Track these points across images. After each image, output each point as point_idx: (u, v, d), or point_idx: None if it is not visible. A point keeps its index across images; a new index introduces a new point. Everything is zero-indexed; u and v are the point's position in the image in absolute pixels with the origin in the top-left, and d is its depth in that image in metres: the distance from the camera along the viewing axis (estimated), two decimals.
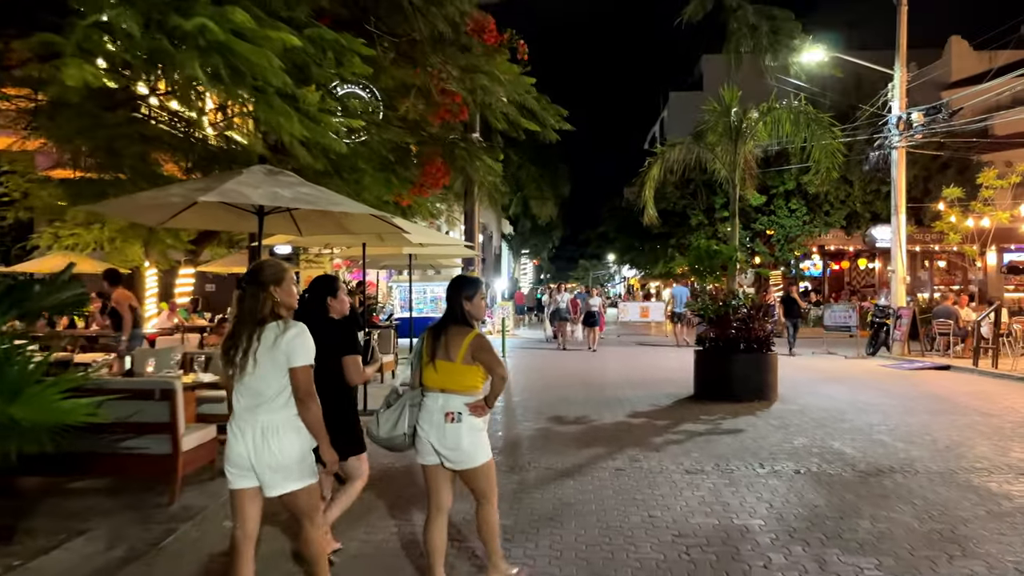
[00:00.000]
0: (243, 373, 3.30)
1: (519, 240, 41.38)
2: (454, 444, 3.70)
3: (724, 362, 11.05)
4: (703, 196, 28.79)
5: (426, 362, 3.81)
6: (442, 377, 3.74)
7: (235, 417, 3.36)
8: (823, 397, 11.34)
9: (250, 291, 3.34)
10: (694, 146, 13.27)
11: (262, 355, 3.27)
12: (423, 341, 3.88)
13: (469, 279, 3.98)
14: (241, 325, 3.34)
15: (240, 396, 3.34)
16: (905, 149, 17.95)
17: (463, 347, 3.72)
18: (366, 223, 7.52)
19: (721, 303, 11.05)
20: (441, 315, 3.94)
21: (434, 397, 3.76)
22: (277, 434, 3.28)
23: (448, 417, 3.69)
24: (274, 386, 3.29)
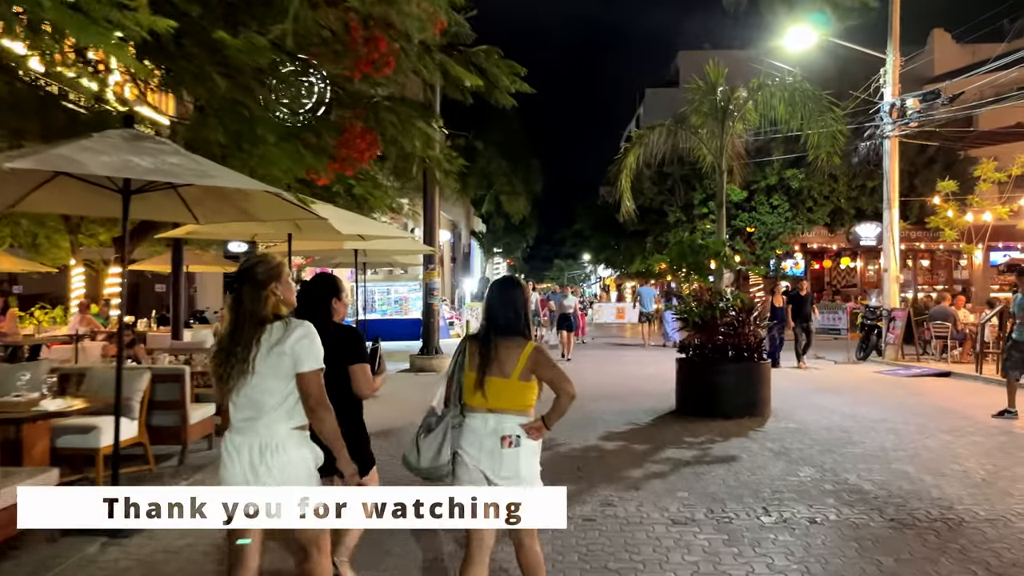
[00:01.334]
0: (241, 383, 2.95)
1: (491, 238, 39.91)
2: (512, 472, 3.23)
3: (710, 373, 9.66)
4: (681, 192, 27.55)
5: (473, 379, 3.30)
6: (493, 396, 3.27)
7: (229, 435, 3.01)
8: (821, 411, 10.00)
9: (248, 290, 3.00)
10: (676, 129, 11.87)
11: (262, 361, 2.94)
12: (463, 354, 3.39)
13: (513, 280, 3.57)
14: (238, 329, 2.99)
15: (237, 409, 3.00)
16: (898, 139, 16.74)
17: (520, 362, 3.27)
18: (273, 207, 6.01)
19: (707, 305, 9.66)
20: (483, 324, 3.43)
21: (482, 419, 3.28)
22: (278, 452, 2.94)
23: (505, 442, 3.24)
24: (276, 396, 2.95)
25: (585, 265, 75.34)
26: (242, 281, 3.03)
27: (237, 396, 2.97)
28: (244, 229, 8.87)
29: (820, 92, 11.14)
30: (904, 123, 16.08)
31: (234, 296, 3.05)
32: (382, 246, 11.44)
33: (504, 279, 3.61)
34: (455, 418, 3.33)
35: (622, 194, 12.52)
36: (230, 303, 3.07)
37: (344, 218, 8.33)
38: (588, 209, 37.82)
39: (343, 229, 7.45)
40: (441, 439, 3.30)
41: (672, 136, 11.96)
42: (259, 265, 3.06)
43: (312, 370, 2.95)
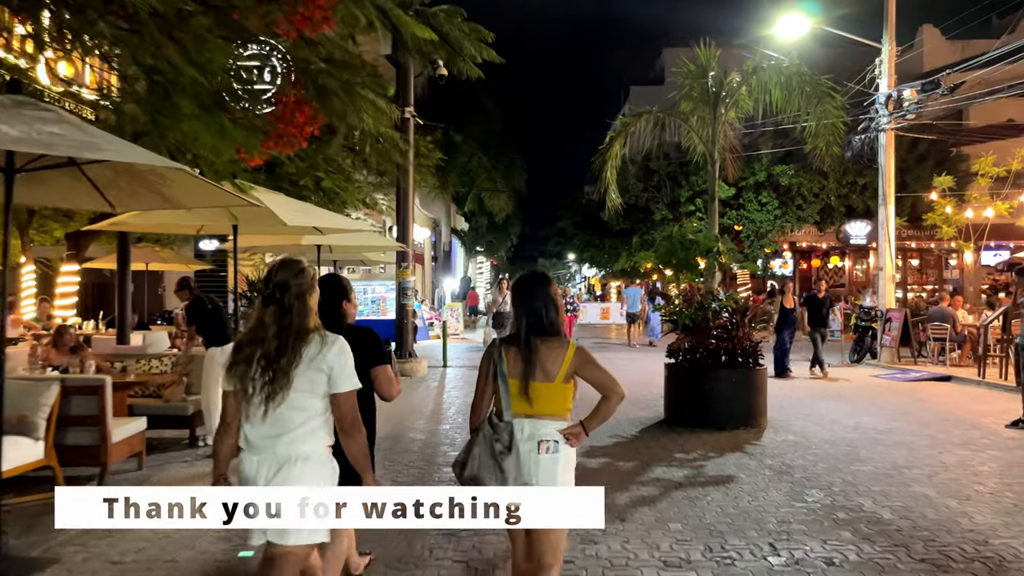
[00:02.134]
0: (275, 398, 2.70)
1: (473, 236, 39.02)
2: (548, 480, 3.06)
3: (702, 379, 8.85)
4: (667, 188, 26.80)
5: (517, 386, 3.11)
6: (538, 401, 3.10)
7: (246, 455, 2.79)
8: (821, 421, 9.23)
9: (295, 301, 2.79)
10: (664, 117, 11.03)
11: (300, 376, 2.73)
12: (500, 360, 3.16)
13: (545, 275, 3.35)
14: (283, 343, 2.74)
15: (254, 426, 2.77)
16: (894, 132, 16.03)
17: (565, 362, 3.11)
18: (199, 193, 5.12)
19: (698, 306, 8.85)
20: (517, 325, 3.21)
21: (518, 425, 3.11)
22: (302, 467, 2.73)
23: (542, 447, 3.08)
24: (306, 413, 2.75)
25: (570, 264, 74.60)
26: (285, 289, 2.79)
27: (261, 411, 2.75)
28: (187, 220, 7.93)
29: (819, 77, 10.35)
30: (900, 115, 15.37)
31: (278, 306, 2.79)
32: (345, 241, 10.55)
33: (534, 274, 3.35)
34: (486, 430, 3.11)
35: (607, 186, 11.68)
36: (272, 314, 2.80)
37: (295, 208, 7.44)
38: (572, 207, 36.99)
39: (290, 220, 6.56)
40: (518, 454, 3.07)
41: (660, 124, 11.14)
42: (304, 273, 2.87)
43: (351, 390, 2.82)
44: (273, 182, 14.96)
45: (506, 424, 3.09)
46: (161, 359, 8.37)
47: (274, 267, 2.91)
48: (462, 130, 26.56)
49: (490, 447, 3.06)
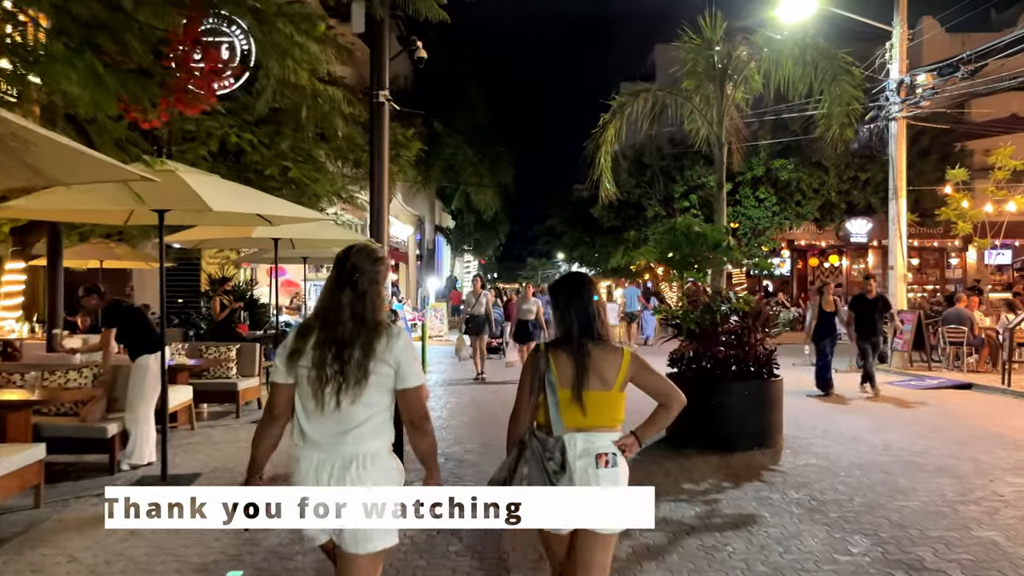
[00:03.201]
0: (348, 391, 2.53)
1: (459, 235, 37.83)
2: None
3: (710, 393, 7.70)
4: (660, 184, 25.69)
5: (568, 396, 2.81)
6: (593, 411, 2.81)
7: (305, 451, 2.59)
8: (843, 439, 8.12)
9: (368, 285, 2.61)
10: (663, 96, 9.88)
11: (373, 370, 2.56)
12: (549, 368, 2.84)
13: (586, 277, 3.05)
14: (354, 334, 2.56)
15: (318, 419, 2.56)
16: (905, 122, 14.98)
17: (622, 369, 2.85)
18: (73, 164, 3.92)
19: (704, 308, 7.72)
20: (565, 330, 2.92)
21: (569, 439, 2.78)
22: (372, 464, 2.55)
23: (601, 460, 2.77)
24: (371, 409, 2.57)
25: (559, 264, 73.57)
26: (360, 275, 2.59)
27: (326, 406, 2.53)
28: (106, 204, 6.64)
29: (836, 51, 9.23)
30: (914, 102, 14.30)
31: (353, 292, 2.59)
32: (303, 234, 9.37)
33: (576, 276, 3.11)
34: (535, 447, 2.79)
35: (601, 174, 10.50)
36: (348, 298, 2.59)
37: (231, 192, 6.25)
38: (561, 204, 35.84)
39: (217, 204, 5.36)
40: (571, 474, 2.77)
41: (658, 106, 9.98)
42: (382, 262, 2.70)
43: (419, 385, 2.64)
44: (238, 172, 13.80)
45: (557, 440, 2.79)
46: (80, 371, 7.16)
47: (350, 250, 2.68)
48: (447, 123, 25.39)
49: (541, 466, 2.75)
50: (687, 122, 10.15)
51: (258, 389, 10.21)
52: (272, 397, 2.69)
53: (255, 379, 10.17)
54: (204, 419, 9.67)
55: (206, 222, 7.99)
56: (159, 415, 6.66)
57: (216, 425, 9.14)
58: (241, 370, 10.13)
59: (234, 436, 8.45)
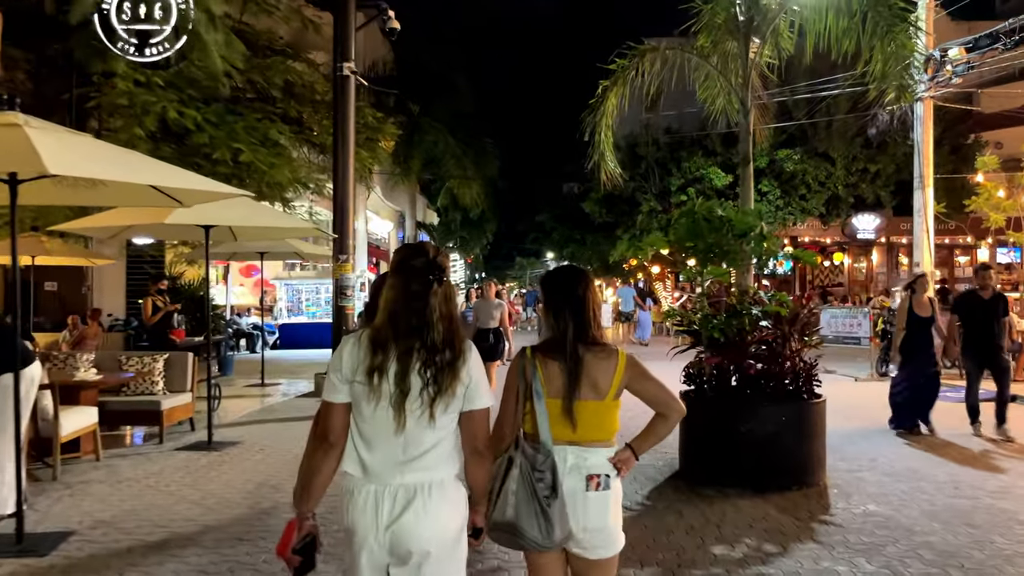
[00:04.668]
0: (440, 402, 2.22)
1: (444, 232, 36.20)
2: (599, 522, 2.53)
3: (737, 417, 6.15)
4: (656, 177, 24.18)
5: (559, 406, 2.56)
6: (584, 424, 2.56)
7: (364, 484, 2.24)
8: (899, 474, 6.60)
9: (447, 284, 2.32)
10: (676, 55, 8.26)
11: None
12: (535, 374, 2.59)
13: (582, 271, 2.76)
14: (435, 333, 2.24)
15: (380, 445, 2.23)
16: (932, 102, 13.50)
17: (616, 376, 2.59)
18: None
19: (730, 312, 6.15)
20: (557, 331, 2.64)
21: (558, 454, 2.53)
22: (433, 499, 2.21)
23: (592, 482, 2.53)
24: (442, 432, 2.26)
25: (548, 263, 72.15)
26: (441, 272, 2.28)
27: (392, 427, 2.20)
28: None
29: None
30: (944, 80, 12.81)
31: (442, 295, 2.27)
32: (236, 220, 7.77)
33: (570, 269, 2.83)
34: (526, 459, 2.50)
35: (601, 150, 8.86)
36: (435, 304, 2.25)
37: (108, 158, 4.62)
38: (551, 200, 34.27)
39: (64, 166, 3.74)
40: (563, 496, 2.47)
41: (669, 67, 8.39)
42: (447, 257, 2.38)
43: (486, 407, 2.32)
44: (184, 156, 12.19)
45: (547, 456, 2.49)
46: None
47: (422, 247, 2.35)
48: (428, 111, 23.76)
49: (530, 488, 2.45)
50: (700, 90, 8.57)
51: (190, 407, 8.58)
52: (327, 420, 2.30)
53: (187, 395, 8.54)
54: (126, 445, 8.08)
55: (101, 201, 6.36)
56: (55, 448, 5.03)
57: (131, 454, 7.53)
58: (170, 384, 8.50)
59: (147, 469, 6.83)
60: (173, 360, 8.65)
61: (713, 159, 22.19)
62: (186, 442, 8.15)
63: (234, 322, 20.09)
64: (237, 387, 12.67)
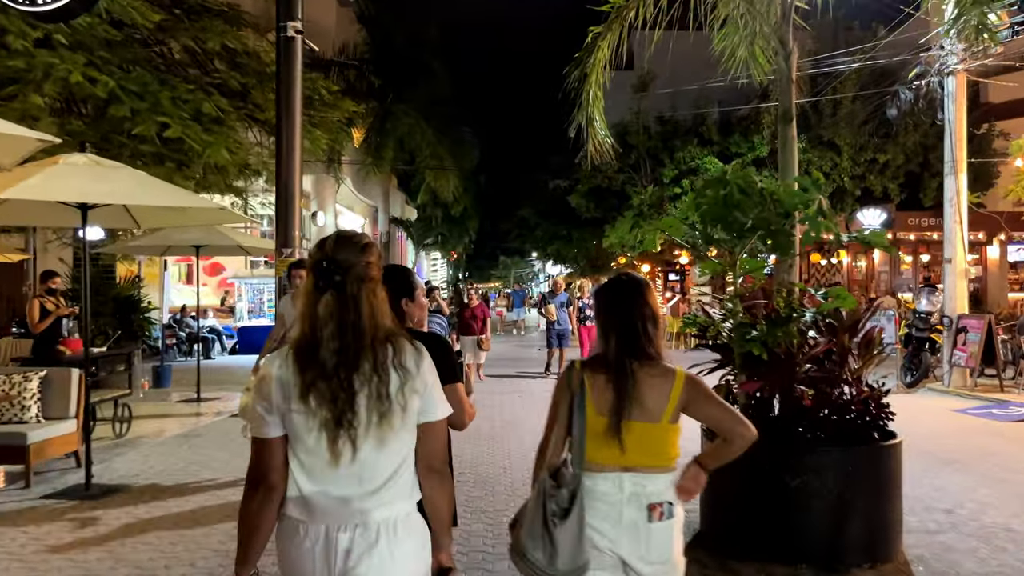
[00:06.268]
0: (368, 436, 1.84)
1: (423, 229, 34.40)
2: (663, 555, 2.35)
3: (786, 466, 4.43)
4: (647, 168, 22.50)
5: (604, 425, 2.36)
6: (634, 448, 2.36)
7: (309, 524, 1.85)
8: (993, 534, 4.93)
9: (358, 286, 1.89)
10: None
11: (395, 399, 1.87)
12: (580, 391, 2.42)
13: (640, 280, 2.54)
14: (337, 349, 1.85)
15: (329, 479, 1.84)
16: (966, 76, 11.89)
17: (673, 397, 2.39)
18: None
19: (775, 320, 4.44)
20: (608, 344, 2.45)
21: (615, 481, 2.35)
22: (399, 539, 1.86)
23: (655, 512, 2.33)
24: (395, 458, 1.88)
25: (532, 263, 70.51)
26: (341, 270, 1.87)
27: (332, 459, 1.82)
28: None
29: None
30: (979, 50, 11.20)
31: (337, 301, 1.86)
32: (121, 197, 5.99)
33: (629, 278, 2.56)
34: (571, 487, 2.33)
35: (589, 114, 7.06)
36: (331, 313, 1.86)
37: None
38: (534, 195, 32.50)
39: None
40: (580, 522, 2.27)
41: (680, 5, 6.66)
42: (370, 250, 1.95)
43: (445, 417, 1.97)
44: (99, 132, 10.40)
45: (573, 477, 2.33)
46: None
47: (323, 243, 1.95)
48: (401, 96, 21.98)
49: (541, 507, 2.28)
50: (717, 39, 6.87)
51: (72, 440, 6.75)
52: (260, 461, 1.88)
53: (69, 423, 6.72)
54: None
55: None
56: None
57: None
58: (47, 410, 6.70)
59: None
60: (53, 378, 6.83)
61: (709, 148, 20.56)
62: (63, 485, 6.36)
63: (186, 324, 18.24)
64: (168, 403, 10.86)
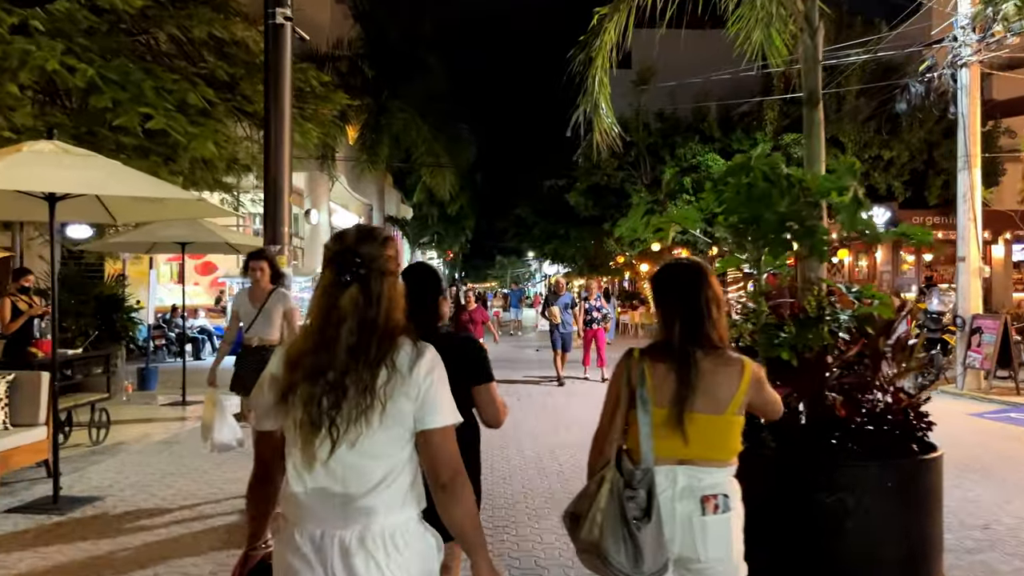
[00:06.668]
0: (347, 434, 1.77)
1: (419, 228, 33.98)
2: (719, 551, 2.26)
3: (816, 482, 4.00)
4: (647, 166, 22.11)
5: (665, 416, 2.27)
6: (697, 440, 2.26)
7: (301, 525, 1.80)
8: None
9: (379, 281, 1.84)
10: None
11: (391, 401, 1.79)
12: (642, 380, 2.31)
13: (700, 266, 2.44)
14: (359, 346, 1.79)
15: (314, 479, 1.79)
16: (979, 68, 11.51)
17: (740, 390, 2.30)
18: None
19: (804, 322, 4.02)
20: (667, 331, 2.37)
21: (667, 474, 2.27)
22: (389, 547, 1.76)
23: (709, 504, 2.25)
24: (389, 461, 1.80)
25: (529, 263, 70.16)
26: (364, 263, 1.82)
27: (319, 461, 1.77)
28: None
29: None
30: (995, 41, 10.81)
31: (361, 295, 1.81)
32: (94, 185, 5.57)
33: (690, 262, 2.50)
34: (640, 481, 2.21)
35: (595, 101, 6.62)
36: (352, 299, 1.80)
37: None
38: (531, 195, 32.07)
39: None
40: (659, 521, 2.18)
41: None
42: (390, 244, 1.90)
43: (450, 426, 1.83)
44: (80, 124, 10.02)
45: (644, 473, 2.21)
46: None
47: (343, 235, 1.89)
48: (397, 92, 21.53)
49: (619, 508, 2.17)
50: (730, 23, 6.44)
51: (42, 447, 6.30)
52: (259, 450, 1.98)
53: (39, 430, 6.27)
54: None
55: None
56: None
57: None
58: (15, 415, 6.27)
59: None
60: (21, 383, 6.39)
61: (711, 145, 20.16)
62: (31, 497, 5.94)
63: (175, 325, 17.79)
64: (152, 407, 10.42)
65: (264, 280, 5.82)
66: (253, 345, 5.74)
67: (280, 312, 5.78)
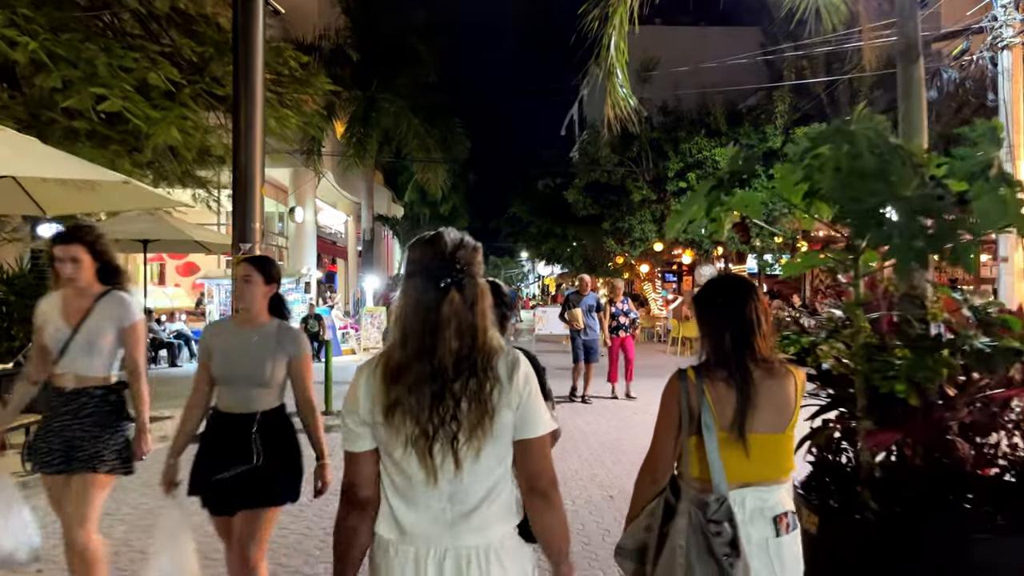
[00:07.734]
0: (468, 445, 1.74)
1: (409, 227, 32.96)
2: (796, 572, 2.19)
3: (933, 565, 2.96)
4: (649, 162, 21.10)
5: (726, 440, 2.15)
6: (761, 461, 2.17)
7: (400, 546, 1.77)
8: None
9: (473, 284, 1.82)
10: None
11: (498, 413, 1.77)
12: (703, 399, 2.18)
13: (743, 280, 2.39)
14: (448, 352, 1.75)
15: (418, 499, 1.77)
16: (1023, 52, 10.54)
17: (798, 401, 2.23)
18: None
19: (932, 344, 3.00)
20: (716, 346, 2.25)
21: (733, 499, 2.13)
22: (506, 564, 1.77)
23: (782, 524, 2.16)
24: (495, 474, 1.78)
25: (523, 263, 69.23)
26: (463, 270, 1.80)
27: (444, 475, 1.74)
28: None
29: None
30: None
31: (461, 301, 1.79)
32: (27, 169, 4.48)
33: (736, 276, 2.43)
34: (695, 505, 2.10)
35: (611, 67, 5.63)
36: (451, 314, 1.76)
37: None
38: (526, 194, 31.02)
39: None
40: (744, 551, 2.04)
41: None
42: (479, 252, 1.87)
43: (547, 433, 1.82)
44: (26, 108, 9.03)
45: (720, 502, 2.06)
46: None
47: (440, 237, 1.83)
48: (388, 86, 20.49)
49: (704, 544, 2.02)
50: None
51: None
52: (350, 475, 1.81)
53: None
54: None
55: None
56: None
57: None
58: None
59: None
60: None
61: (717, 140, 19.17)
62: None
63: (150, 330, 16.66)
64: None
65: (82, 277, 3.38)
66: (67, 389, 3.38)
67: (112, 331, 3.42)
